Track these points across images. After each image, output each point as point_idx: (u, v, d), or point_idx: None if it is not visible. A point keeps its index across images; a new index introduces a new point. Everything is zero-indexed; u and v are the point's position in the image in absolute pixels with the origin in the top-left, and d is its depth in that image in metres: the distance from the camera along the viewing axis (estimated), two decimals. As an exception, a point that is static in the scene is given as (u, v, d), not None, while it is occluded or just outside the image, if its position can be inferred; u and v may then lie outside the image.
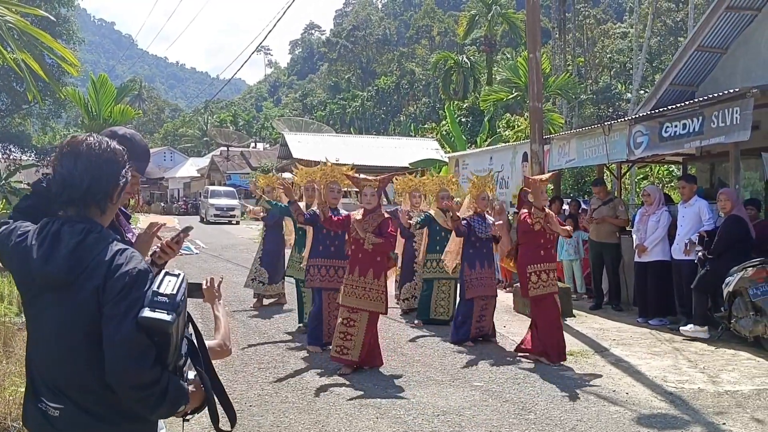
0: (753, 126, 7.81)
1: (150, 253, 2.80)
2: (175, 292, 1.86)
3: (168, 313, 1.81)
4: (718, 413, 4.97)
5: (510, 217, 10.90)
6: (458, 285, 7.90)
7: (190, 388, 2.01)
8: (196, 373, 2.08)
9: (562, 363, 6.46)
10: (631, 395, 5.45)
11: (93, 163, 1.96)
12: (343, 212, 6.60)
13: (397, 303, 9.41)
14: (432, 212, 8.47)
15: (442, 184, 8.68)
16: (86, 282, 1.87)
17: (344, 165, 7.25)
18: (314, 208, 6.75)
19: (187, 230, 2.83)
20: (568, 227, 7.04)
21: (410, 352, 6.96)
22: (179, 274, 1.93)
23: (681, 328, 7.41)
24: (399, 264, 9.19)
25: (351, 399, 5.32)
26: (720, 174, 11.21)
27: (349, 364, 6.11)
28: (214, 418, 2.13)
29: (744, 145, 8.17)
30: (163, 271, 1.94)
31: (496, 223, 7.78)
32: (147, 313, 1.80)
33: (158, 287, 1.86)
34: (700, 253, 7.53)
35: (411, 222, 8.56)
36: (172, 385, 1.88)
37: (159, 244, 2.74)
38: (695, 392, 5.51)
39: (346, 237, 6.63)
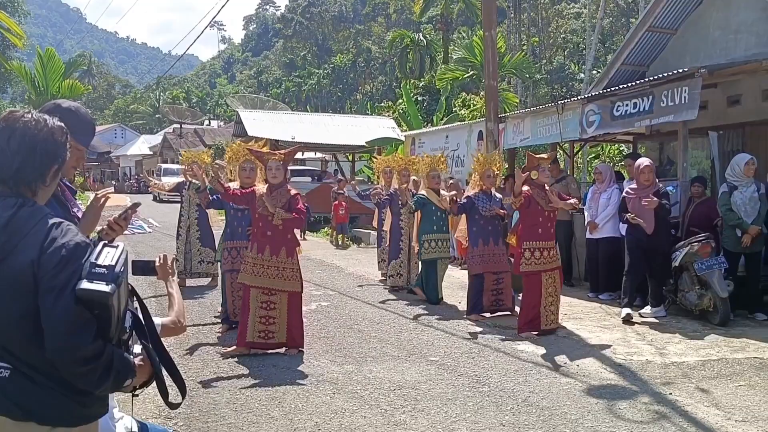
0: (700, 106, 8.02)
1: (97, 230, 2.74)
2: (114, 263, 1.81)
3: (107, 284, 1.76)
4: (665, 383, 5.14)
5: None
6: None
7: (137, 361, 1.98)
8: (142, 347, 2.04)
9: (532, 334, 6.66)
10: (581, 367, 5.59)
11: (28, 143, 1.91)
12: (258, 188, 6.09)
13: (383, 279, 9.81)
14: (425, 193, 8.55)
15: (433, 163, 8.73)
16: (20, 256, 1.81)
17: (258, 140, 7.12)
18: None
19: (134, 206, 2.78)
20: (572, 200, 7.10)
21: (366, 329, 7.00)
22: (118, 246, 1.88)
23: (639, 311, 7.51)
24: (388, 241, 9.43)
25: (308, 375, 5.33)
26: (669, 152, 11.49)
27: (275, 347, 5.95)
28: (163, 392, 2.11)
29: (692, 125, 8.38)
30: (101, 243, 1.89)
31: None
32: (85, 284, 1.75)
33: (96, 258, 1.81)
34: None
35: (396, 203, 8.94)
36: (117, 359, 1.84)
37: (107, 222, 2.69)
38: (643, 364, 5.68)
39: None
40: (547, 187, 6.89)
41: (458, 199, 7.91)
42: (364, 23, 78.59)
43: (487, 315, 7.64)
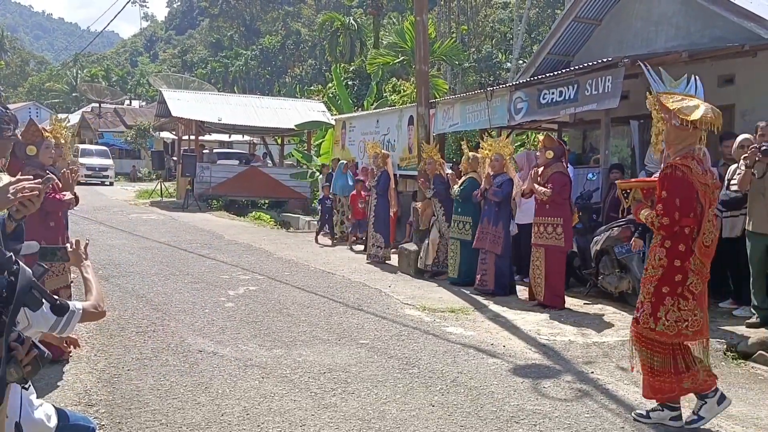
0: (622, 96, 8.28)
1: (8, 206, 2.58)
2: None
3: None
4: (587, 363, 5.32)
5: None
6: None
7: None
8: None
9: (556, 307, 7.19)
10: (507, 348, 5.71)
11: None
12: None
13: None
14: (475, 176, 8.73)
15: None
16: None
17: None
18: None
19: (46, 182, 2.64)
20: (547, 190, 7.15)
21: (296, 313, 6.92)
22: None
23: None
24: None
25: (235, 360, 5.22)
26: (591, 140, 11.86)
27: None
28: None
29: (614, 113, 8.66)
30: None
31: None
32: None
33: None
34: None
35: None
36: None
37: (17, 198, 2.54)
38: (566, 344, 5.85)
39: None
40: (534, 170, 7.55)
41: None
42: (294, 4, 77.40)
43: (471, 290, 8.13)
